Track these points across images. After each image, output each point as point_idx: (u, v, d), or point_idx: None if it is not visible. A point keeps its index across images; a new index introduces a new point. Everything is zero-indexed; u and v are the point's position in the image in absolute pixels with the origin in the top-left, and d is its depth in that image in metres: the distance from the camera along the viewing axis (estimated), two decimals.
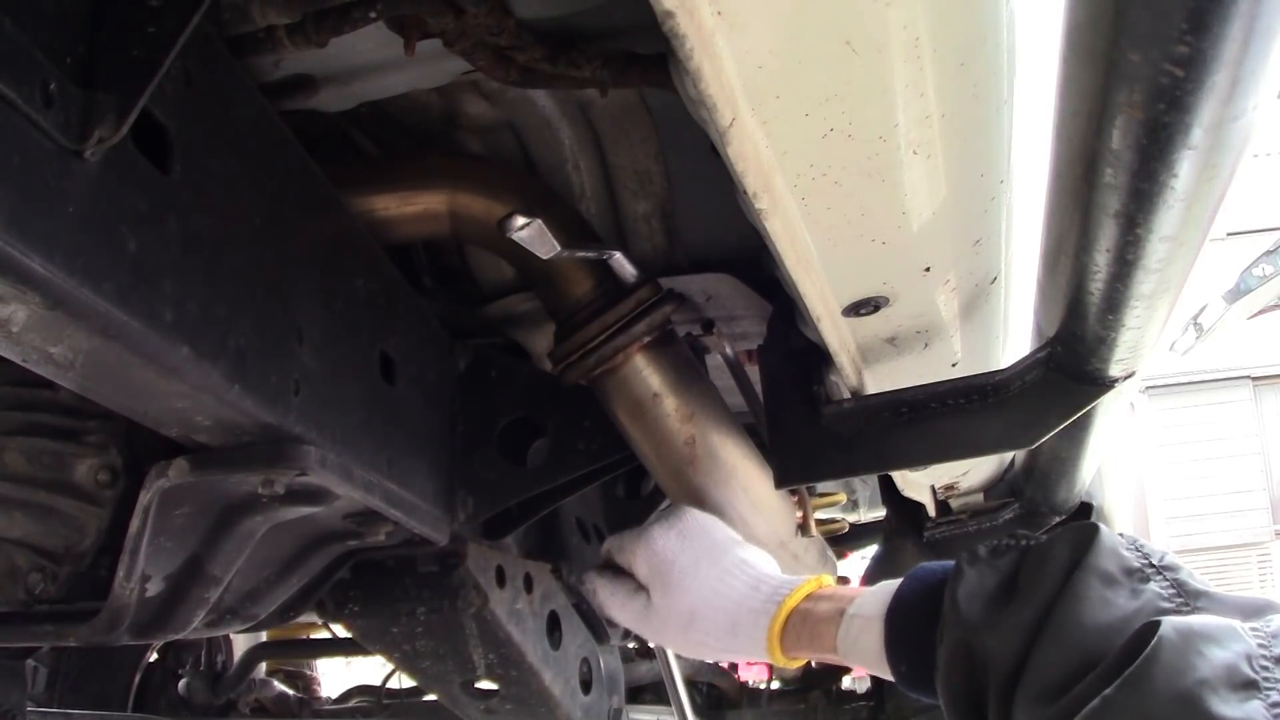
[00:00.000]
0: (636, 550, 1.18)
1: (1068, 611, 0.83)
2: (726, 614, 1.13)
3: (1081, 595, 0.83)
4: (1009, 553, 0.94)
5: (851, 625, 1.03)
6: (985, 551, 0.96)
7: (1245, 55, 0.54)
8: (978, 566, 0.94)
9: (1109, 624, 0.81)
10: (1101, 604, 0.83)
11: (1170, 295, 0.88)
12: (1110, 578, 0.85)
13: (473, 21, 0.87)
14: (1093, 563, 0.85)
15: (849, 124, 0.73)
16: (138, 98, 0.64)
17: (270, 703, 2.71)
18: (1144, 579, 0.85)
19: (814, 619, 1.08)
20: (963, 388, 1.17)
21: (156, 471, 0.84)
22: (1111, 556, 0.86)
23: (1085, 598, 0.83)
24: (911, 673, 0.97)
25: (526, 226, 0.99)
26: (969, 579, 0.92)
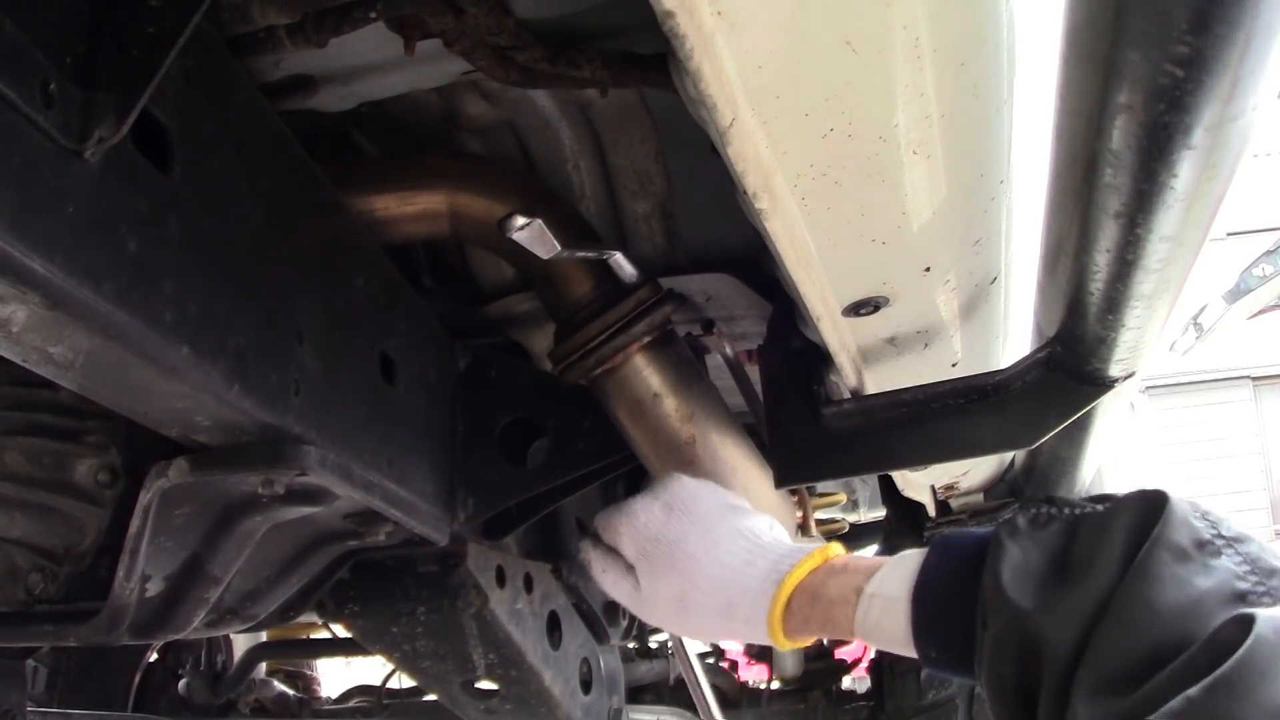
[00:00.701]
0: (620, 528, 1.09)
1: (1137, 592, 0.74)
2: (720, 594, 1.03)
3: (1153, 574, 0.74)
4: (1053, 523, 0.85)
5: (871, 606, 0.92)
6: (1025, 523, 0.86)
7: (1245, 55, 0.54)
8: (1019, 540, 0.84)
9: (1183, 607, 0.72)
10: (1175, 584, 0.73)
11: (1170, 295, 0.88)
12: (1183, 552, 0.75)
13: (473, 21, 0.88)
14: (1164, 535, 0.76)
15: (849, 124, 0.73)
16: (138, 98, 0.64)
17: (270, 703, 2.71)
18: (1215, 553, 0.76)
19: (825, 600, 0.97)
20: (963, 388, 1.17)
21: (156, 471, 0.84)
22: (1183, 528, 0.77)
23: (1157, 577, 0.74)
24: (943, 657, 0.89)
25: (526, 226, 0.99)
26: (1012, 555, 0.83)
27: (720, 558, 1.04)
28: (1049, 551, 0.82)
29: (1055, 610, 0.77)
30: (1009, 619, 0.80)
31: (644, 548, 1.07)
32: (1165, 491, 0.81)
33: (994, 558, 0.83)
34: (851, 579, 0.95)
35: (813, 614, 0.97)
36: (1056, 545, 0.83)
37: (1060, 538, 0.83)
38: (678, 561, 1.05)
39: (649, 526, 1.07)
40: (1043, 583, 0.80)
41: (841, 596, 0.95)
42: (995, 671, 0.82)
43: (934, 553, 0.91)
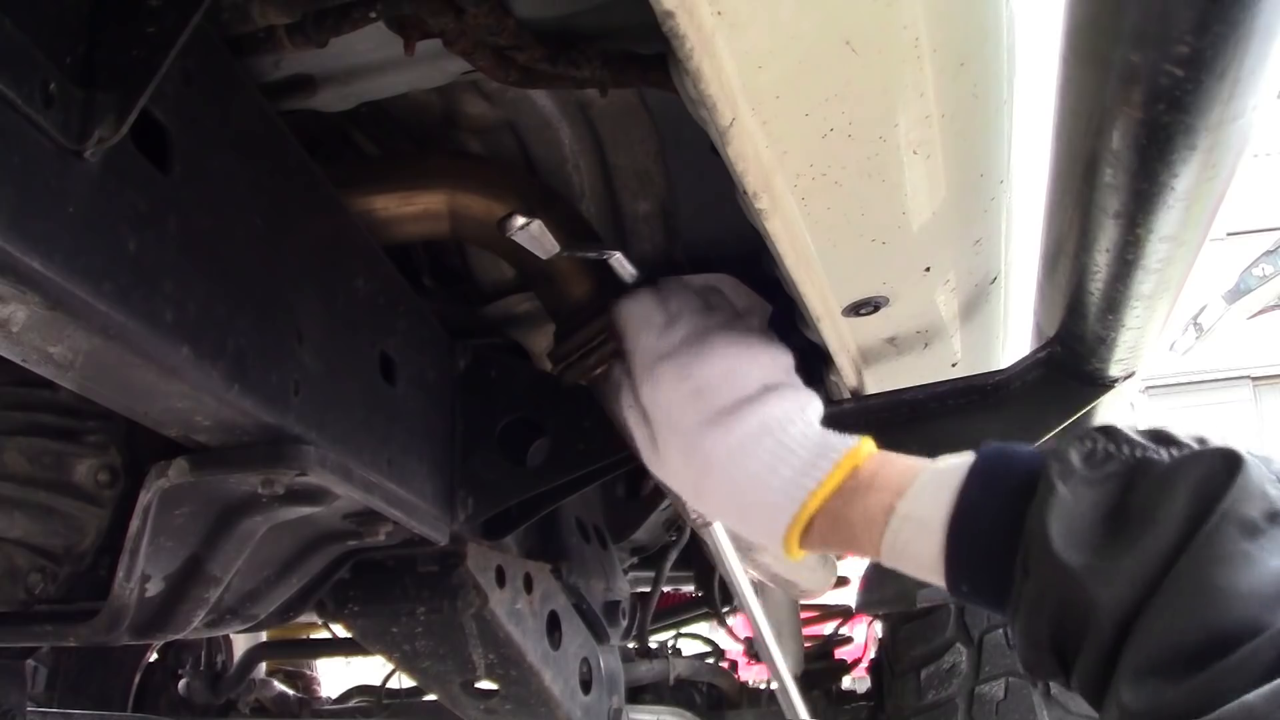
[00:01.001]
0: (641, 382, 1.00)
1: (1199, 568, 0.67)
2: (735, 500, 0.95)
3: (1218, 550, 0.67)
4: (1110, 462, 0.76)
5: (903, 530, 0.85)
6: (1080, 459, 0.76)
7: (1245, 55, 0.54)
8: (1072, 484, 0.75)
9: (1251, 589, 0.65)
10: (1243, 563, 0.66)
11: (1170, 295, 0.88)
12: (1254, 527, 0.67)
13: (473, 21, 0.87)
14: (1235, 507, 0.68)
15: (849, 124, 0.73)
16: (138, 98, 0.64)
17: (270, 703, 2.71)
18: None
19: (848, 524, 0.89)
20: (963, 388, 1.17)
21: (156, 471, 0.84)
22: (1257, 497, 0.69)
23: (1223, 554, 0.66)
24: (974, 593, 0.82)
25: (526, 226, 0.99)
26: (1062, 500, 0.74)
27: (741, 461, 0.94)
28: (1103, 500, 0.74)
29: (1106, 573, 0.70)
30: (1053, 574, 0.73)
31: (660, 424, 1.00)
32: (1239, 450, 0.72)
33: (1043, 500, 0.75)
34: (881, 498, 0.87)
35: (834, 537, 0.91)
36: (1112, 493, 0.74)
37: (1117, 483, 0.75)
38: (696, 454, 0.97)
39: (672, 406, 0.98)
40: (1094, 538, 0.72)
41: (868, 520, 0.87)
42: (1031, 624, 0.76)
43: (977, 476, 0.83)
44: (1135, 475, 0.74)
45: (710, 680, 2.95)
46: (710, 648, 3.19)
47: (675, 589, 3.21)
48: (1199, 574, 0.67)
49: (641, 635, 2.70)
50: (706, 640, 3.26)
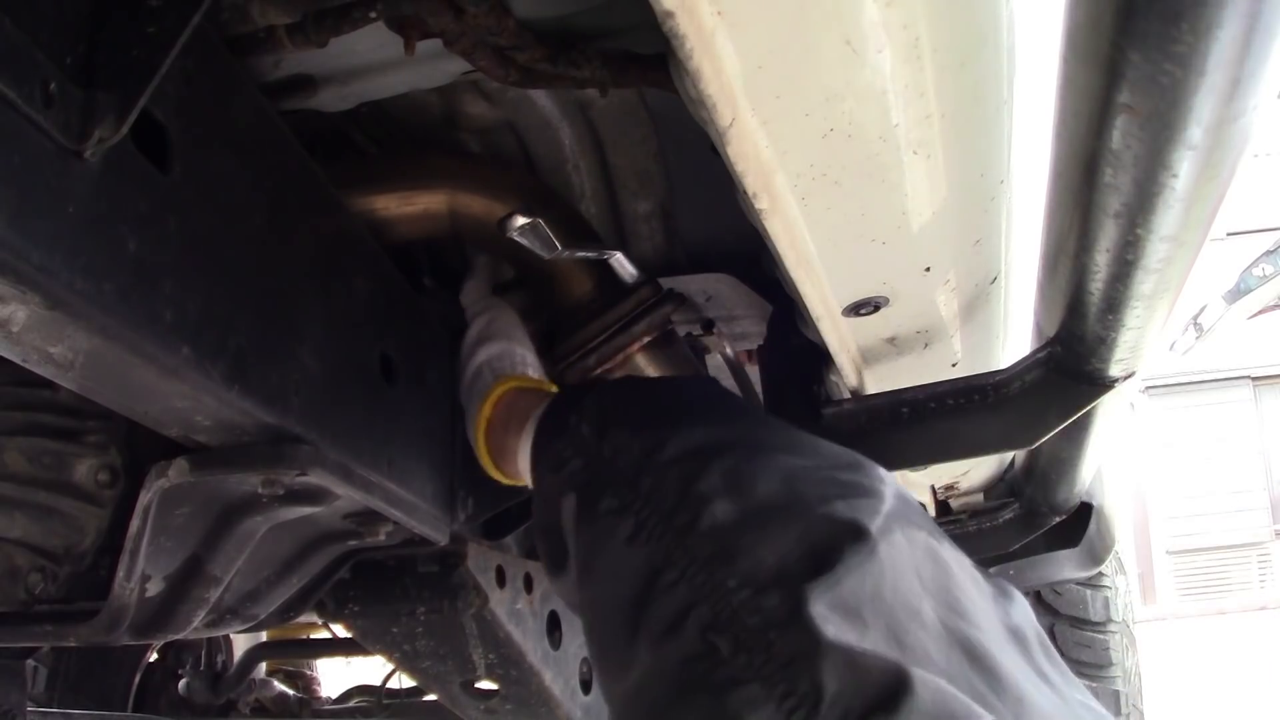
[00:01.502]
0: None
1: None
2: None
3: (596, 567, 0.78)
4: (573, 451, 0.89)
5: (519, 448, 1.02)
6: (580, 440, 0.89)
7: (1245, 55, 0.54)
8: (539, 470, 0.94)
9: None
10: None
11: (1170, 295, 0.88)
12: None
13: (473, 21, 0.87)
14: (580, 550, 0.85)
15: (849, 124, 0.73)
16: (138, 98, 0.64)
17: (270, 703, 2.71)
18: None
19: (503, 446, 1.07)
20: (963, 388, 1.17)
21: (156, 471, 0.84)
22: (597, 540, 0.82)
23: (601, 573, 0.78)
24: None
25: (526, 226, 0.99)
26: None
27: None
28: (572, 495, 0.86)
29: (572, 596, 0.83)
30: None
31: None
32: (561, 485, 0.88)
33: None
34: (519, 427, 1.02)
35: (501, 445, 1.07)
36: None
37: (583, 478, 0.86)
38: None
39: None
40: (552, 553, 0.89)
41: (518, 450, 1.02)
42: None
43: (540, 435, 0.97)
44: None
45: None
46: None
47: None
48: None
49: None
50: None
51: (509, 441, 1.05)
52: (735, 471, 0.73)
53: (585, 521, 0.79)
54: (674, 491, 0.73)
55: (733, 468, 0.73)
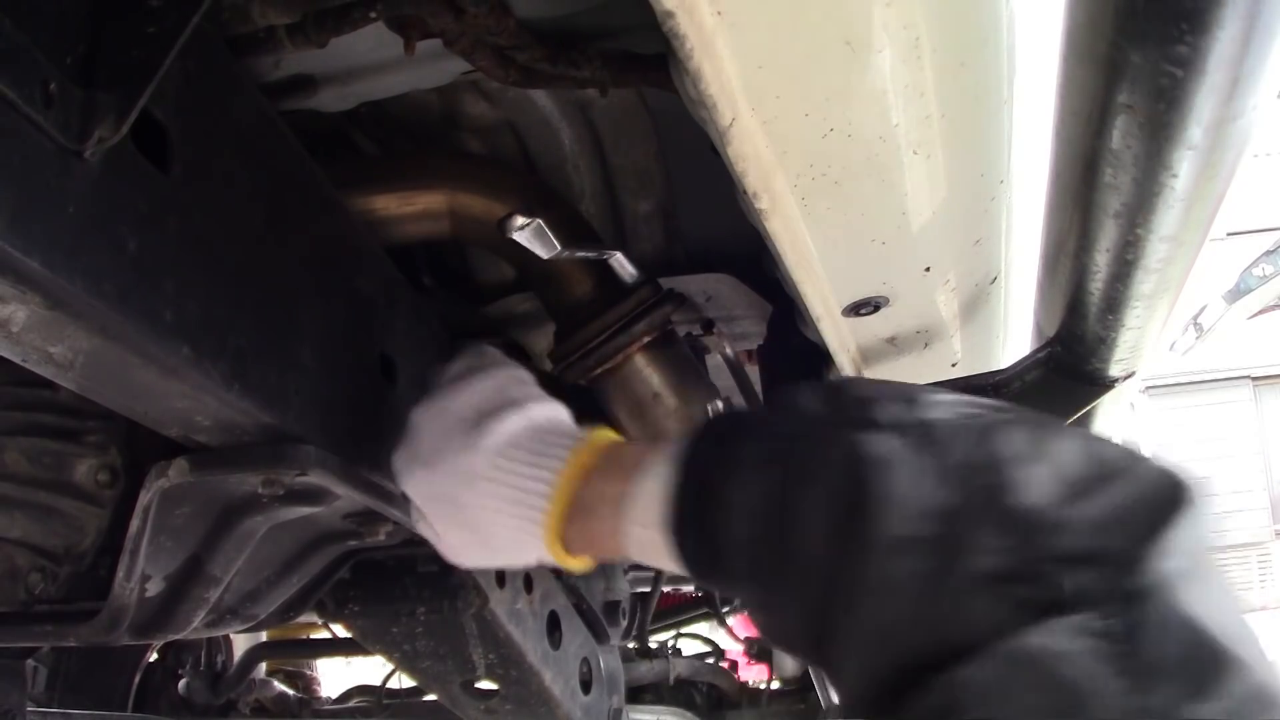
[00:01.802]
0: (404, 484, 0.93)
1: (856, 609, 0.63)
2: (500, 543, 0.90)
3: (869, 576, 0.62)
4: (780, 440, 0.71)
5: (642, 544, 0.80)
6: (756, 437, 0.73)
7: (1245, 55, 0.54)
8: (742, 472, 0.71)
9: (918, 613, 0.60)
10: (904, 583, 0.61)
11: (1170, 295, 0.88)
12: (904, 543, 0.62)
13: (473, 21, 0.87)
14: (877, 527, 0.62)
15: (849, 124, 0.73)
16: (138, 98, 0.64)
17: (270, 703, 2.71)
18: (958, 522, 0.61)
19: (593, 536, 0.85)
20: (963, 388, 1.17)
21: (156, 471, 0.84)
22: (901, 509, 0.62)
23: (876, 583, 0.62)
24: (728, 596, 0.84)
25: (526, 226, 0.99)
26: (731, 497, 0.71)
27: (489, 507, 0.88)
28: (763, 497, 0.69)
29: (771, 605, 0.69)
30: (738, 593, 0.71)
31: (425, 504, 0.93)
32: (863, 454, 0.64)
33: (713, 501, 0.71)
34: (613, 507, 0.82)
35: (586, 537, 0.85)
36: (770, 487, 0.69)
37: (776, 474, 0.69)
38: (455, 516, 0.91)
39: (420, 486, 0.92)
40: (755, 555, 0.69)
41: (609, 532, 0.82)
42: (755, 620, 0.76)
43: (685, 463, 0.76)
44: (792, 460, 0.69)
45: (710, 680, 2.95)
46: (710, 648, 3.19)
47: (675, 589, 3.21)
48: (865, 603, 0.62)
49: (641, 635, 2.70)
50: (706, 640, 3.26)
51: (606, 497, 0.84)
52: (1032, 438, 0.63)
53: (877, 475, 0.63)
54: (979, 453, 0.63)
55: (1028, 434, 0.64)
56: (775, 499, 0.68)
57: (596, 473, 0.85)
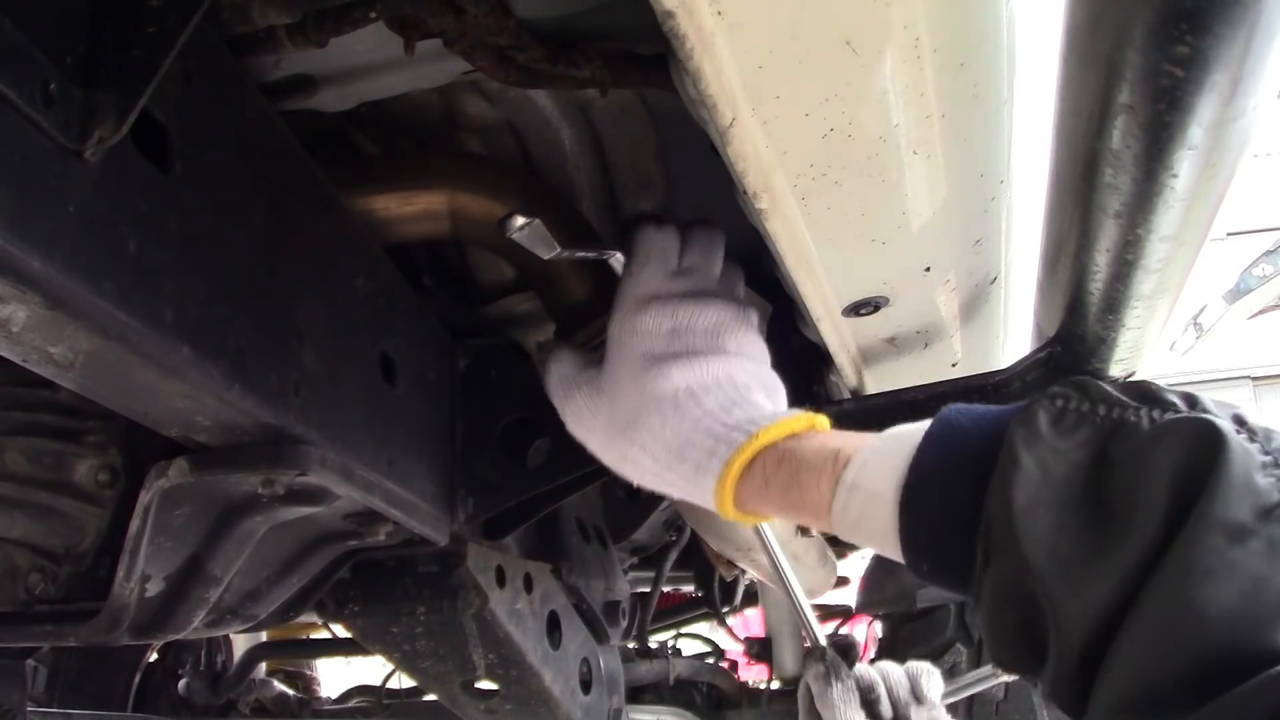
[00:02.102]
0: (622, 305, 0.92)
1: (1180, 584, 0.57)
2: (680, 427, 0.87)
3: (1201, 564, 0.56)
4: (1081, 427, 0.65)
5: (852, 499, 0.75)
6: (1048, 423, 0.66)
7: (1245, 55, 0.54)
8: (1038, 453, 0.65)
9: (1242, 608, 0.55)
10: (1227, 576, 0.55)
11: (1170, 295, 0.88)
12: (1241, 530, 0.56)
13: (473, 21, 0.87)
14: (1215, 510, 0.57)
15: (849, 124, 0.73)
16: (138, 98, 0.64)
17: (270, 703, 2.71)
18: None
19: (796, 464, 0.79)
20: (963, 388, 1.17)
21: (156, 471, 0.84)
22: (1243, 491, 0.57)
23: (1207, 570, 0.56)
24: (935, 575, 0.73)
25: (526, 226, 0.99)
26: (1027, 475, 0.64)
27: (700, 391, 0.88)
28: (1074, 475, 0.64)
29: (1077, 578, 0.61)
30: (1019, 567, 0.64)
31: (627, 344, 0.91)
32: (1221, 428, 0.60)
33: (1005, 474, 0.65)
34: (831, 444, 0.78)
35: (776, 480, 0.81)
36: (1084, 466, 0.64)
37: (1090, 452, 0.64)
38: (653, 376, 0.89)
39: (648, 334, 0.91)
40: (1064, 526, 0.62)
41: (820, 467, 0.78)
42: (996, 617, 0.68)
43: (931, 444, 0.72)
44: (1110, 442, 0.64)
45: (710, 680, 2.95)
46: (710, 648, 3.19)
47: (675, 589, 3.21)
48: (1179, 592, 0.57)
49: (641, 635, 2.70)
50: (706, 640, 3.26)
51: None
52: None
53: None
54: None
55: None
56: (1088, 472, 0.63)
57: (810, 433, 0.82)
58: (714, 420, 0.87)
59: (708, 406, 0.88)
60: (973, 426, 0.71)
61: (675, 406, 0.88)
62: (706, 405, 0.88)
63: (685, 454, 0.87)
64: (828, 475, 0.77)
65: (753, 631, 3.34)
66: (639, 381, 0.90)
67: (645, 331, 0.93)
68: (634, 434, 0.90)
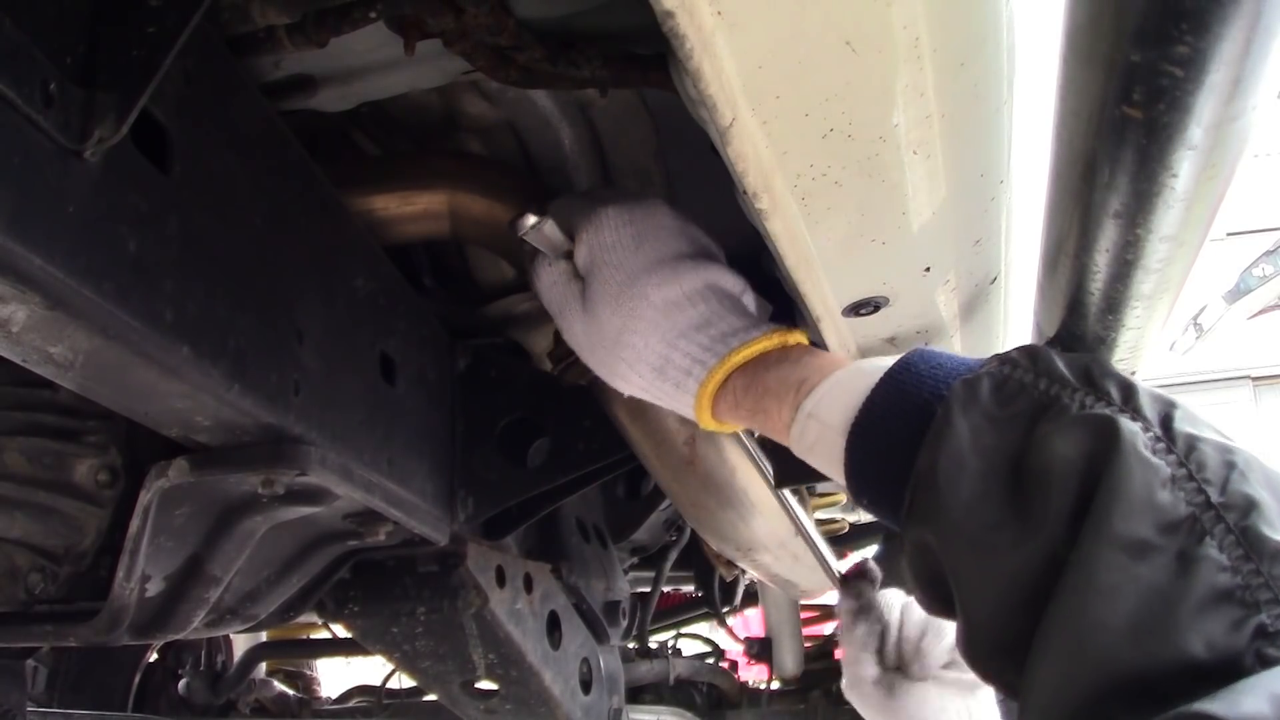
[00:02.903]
0: (582, 228, 0.93)
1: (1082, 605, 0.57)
2: (659, 347, 0.90)
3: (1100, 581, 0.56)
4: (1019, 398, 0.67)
5: (807, 427, 0.79)
6: (989, 389, 0.68)
7: (1245, 55, 0.54)
8: (973, 417, 0.66)
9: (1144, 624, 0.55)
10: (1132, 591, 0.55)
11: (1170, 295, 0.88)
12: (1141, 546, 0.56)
13: (473, 21, 0.87)
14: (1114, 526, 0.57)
15: (849, 124, 0.73)
16: (138, 98, 0.64)
17: (270, 703, 2.71)
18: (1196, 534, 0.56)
19: (762, 389, 0.85)
20: None
21: (156, 471, 0.84)
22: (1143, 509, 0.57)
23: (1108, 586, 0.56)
24: (874, 508, 0.77)
25: (538, 226, 0.98)
26: (958, 436, 0.66)
27: (676, 312, 0.90)
28: (1002, 446, 0.65)
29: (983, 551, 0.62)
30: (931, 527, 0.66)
31: (600, 264, 0.92)
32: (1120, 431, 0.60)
33: (937, 432, 0.67)
34: (797, 380, 0.82)
35: (744, 400, 0.86)
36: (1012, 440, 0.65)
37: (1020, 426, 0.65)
38: (630, 296, 0.91)
39: (615, 247, 0.92)
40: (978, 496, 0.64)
41: (780, 392, 0.82)
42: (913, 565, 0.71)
43: (884, 386, 0.75)
44: (1039, 420, 0.65)
45: (710, 680, 2.95)
46: (710, 648, 3.19)
47: (675, 589, 3.21)
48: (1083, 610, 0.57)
49: (641, 635, 2.70)
50: (706, 640, 3.26)
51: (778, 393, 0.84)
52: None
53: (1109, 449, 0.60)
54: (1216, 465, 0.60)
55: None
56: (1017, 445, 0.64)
57: (781, 354, 0.86)
58: (689, 340, 0.90)
59: (682, 325, 0.91)
60: (928, 374, 0.73)
61: (653, 326, 0.91)
62: (680, 324, 0.91)
63: (665, 371, 0.91)
64: (789, 402, 0.82)
65: (753, 631, 3.34)
66: (617, 301, 0.92)
67: (611, 245, 0.94)
68: (619, 351, 0.93)
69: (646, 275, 0.91)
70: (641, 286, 0.91)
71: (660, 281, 0.91)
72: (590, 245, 0.94)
